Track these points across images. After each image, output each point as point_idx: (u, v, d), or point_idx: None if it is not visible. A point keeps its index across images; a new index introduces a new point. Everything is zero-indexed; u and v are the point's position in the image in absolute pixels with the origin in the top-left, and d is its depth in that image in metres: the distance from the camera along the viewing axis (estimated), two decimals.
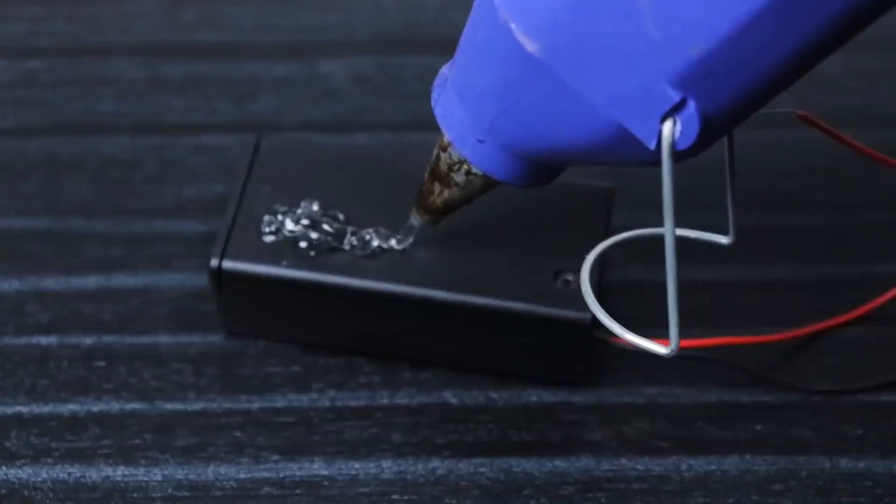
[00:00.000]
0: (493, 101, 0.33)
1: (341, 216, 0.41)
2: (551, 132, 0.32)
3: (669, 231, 0.31)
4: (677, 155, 0.30)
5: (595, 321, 0.40)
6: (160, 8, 0.53)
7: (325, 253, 0.41)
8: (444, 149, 0.37)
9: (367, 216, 0.41)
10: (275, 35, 0.52)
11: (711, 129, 0.30)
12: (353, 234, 0.41)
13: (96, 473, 0.41)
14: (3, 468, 0.41)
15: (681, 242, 0.32)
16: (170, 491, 0.41)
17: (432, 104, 0.36)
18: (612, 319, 0.35)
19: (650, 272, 0.45)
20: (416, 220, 0.39)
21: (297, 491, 0.41)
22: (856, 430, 0.42)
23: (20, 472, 0.41)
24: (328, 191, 0.42)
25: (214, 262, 0.41)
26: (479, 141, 0.35)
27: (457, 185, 0.37)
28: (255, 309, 0.42)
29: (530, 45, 0.31)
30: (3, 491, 0.41)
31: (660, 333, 0.43)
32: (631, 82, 0.30)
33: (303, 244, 0.40)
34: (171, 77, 0.51)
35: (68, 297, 0.45)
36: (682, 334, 0.41)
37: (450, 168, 0.37)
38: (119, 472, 0.41)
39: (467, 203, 0.38)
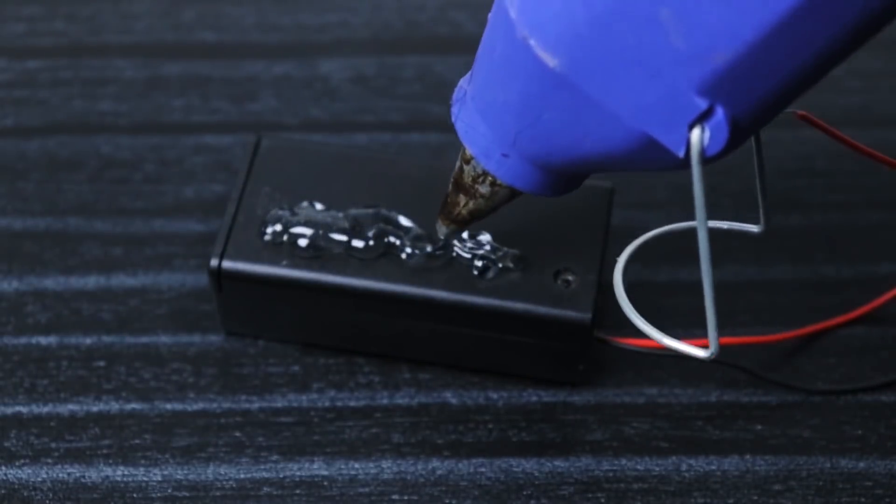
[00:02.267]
0: (515, 116, 0.33)
1: (341, 216, 0.41)
2: (576, 144, 0.32)
3: (703, 232, 0.31)
4: (706, 160, 0.30)
5: (595, 321, 0.40)
6: (160, 8, 0.53)
7: (324, 253, 0.40)
8: (468, 161, 0.36)
9: (366, 215, 0.41)
10: (275, 35, 0.52)
11: (739, 133, 0.30)
12: (369, 235, 0.41)
13: (96, 473, 0.41)
14: (3, 468, 0.41)
15: (681, 243, 0.32)
16: (169, 491, 0.41)
17: (452, 119, 0.35)
18: (645, 322, 0.34)
19: (649, 272, 0.45)
20: (441, 229, 0.39)
21: (297, 491, 0.41)
22: (856, 430, 0.42)
23: (20, 472, 0.41)
24: (328, 190, 0.42)
25: (214, 262, 0.41)
26: (504, 155, 0.34)
27: (482, 196, 0.36)
28: (254, 309, 0.42)
29: (551, 61, 0.30)
30: (3, 491, 0.41)
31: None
32: (656, 92, 0.29)
33: (303, 244, 0.40)
34: (170, 77, 0.50)
35: (68, 297, 0.45)
36: (682, 334, 0.41)
37: (474, 180, 0.36)
38: (119, 473, 0.41)
39: (493, 212, 0.37)
